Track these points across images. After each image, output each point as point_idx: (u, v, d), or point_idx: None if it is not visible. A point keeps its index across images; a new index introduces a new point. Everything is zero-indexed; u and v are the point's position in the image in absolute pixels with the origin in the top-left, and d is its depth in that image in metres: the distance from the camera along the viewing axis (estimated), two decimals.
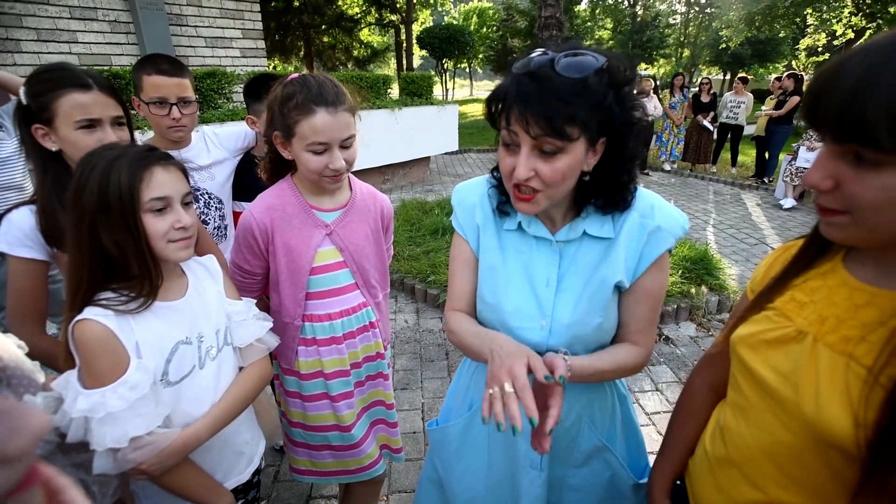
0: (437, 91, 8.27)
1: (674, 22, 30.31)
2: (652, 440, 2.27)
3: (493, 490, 1.05)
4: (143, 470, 0.92)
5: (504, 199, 0.95)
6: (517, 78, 0.76)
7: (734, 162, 8.16)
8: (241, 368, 1.14)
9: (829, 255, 0.68)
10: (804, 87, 6.91)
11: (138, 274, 0.91)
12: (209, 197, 1.68)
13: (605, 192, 0.86)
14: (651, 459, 1.03)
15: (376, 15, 18.41)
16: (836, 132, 0.52)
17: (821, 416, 0.58)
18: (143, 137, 1.64)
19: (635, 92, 0.80)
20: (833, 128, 0.52)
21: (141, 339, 0.92)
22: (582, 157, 0.78)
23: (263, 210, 1.22)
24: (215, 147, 1.73)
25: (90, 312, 0.88)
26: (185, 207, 0.97)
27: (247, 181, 1.77)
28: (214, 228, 1.71)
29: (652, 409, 2.50)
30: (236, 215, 1.80)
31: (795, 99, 6.76)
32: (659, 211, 0.88)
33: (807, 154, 6.04)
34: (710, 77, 8.65)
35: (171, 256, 0.95)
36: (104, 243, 0.88)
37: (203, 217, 1.66)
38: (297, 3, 15.51)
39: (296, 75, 1.16)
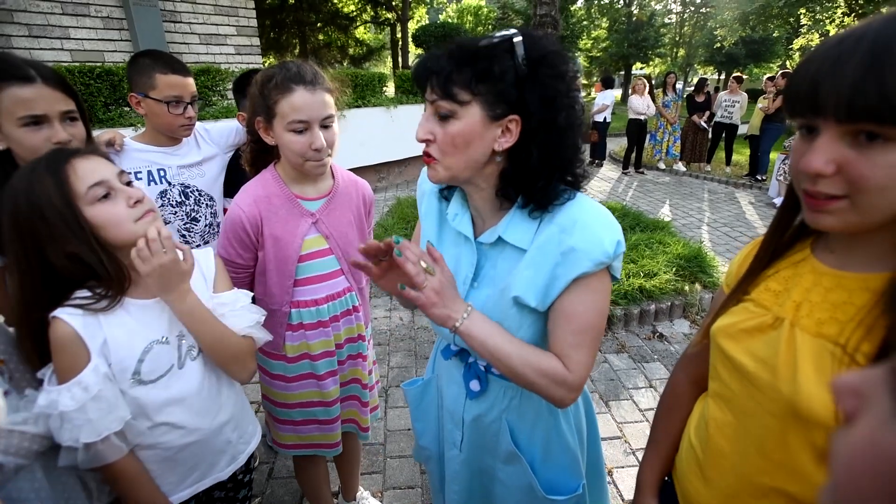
0: None
1: (669, 21, 30.40)
2: (645, 436, 2.28)
3: (438, 453, 1.17)
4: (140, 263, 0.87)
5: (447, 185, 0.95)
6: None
7: (728, 161, 8.20)
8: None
9: (798, 244, 0.70)
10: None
11: (103, 275, 0.88)
12: (199, 194, 1.67)
13: (523, 185, 0.79)
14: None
15: (372, 13, 18.32)
16: (847, 112, 0.51)
17: (799, 395, 0.60)
18: (135, 135, 1.62)
19: (569, 74, 0.75)
20: (843, 108, 0.51)
21: (111, 337, 0.90)
22: (480, 128, 0.75)
23: (251, 202, 1.22)
24: (206, 143, 1.72)
25: (60, 311, 0.87)
26: (129, 186, 0.91)
27: (238, 178, 1.76)
28: (206, 225, 1.70)
29: (646, 405, 2.51)
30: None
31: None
32: (581, 229, 0.77)
33: None
34: (706, 77, 8.66)
35: (142, 234, 0.88)
36: (54, 263, 0.84)
37: (194, 214, 1.65)
38: (292, 1, 15.42)
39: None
